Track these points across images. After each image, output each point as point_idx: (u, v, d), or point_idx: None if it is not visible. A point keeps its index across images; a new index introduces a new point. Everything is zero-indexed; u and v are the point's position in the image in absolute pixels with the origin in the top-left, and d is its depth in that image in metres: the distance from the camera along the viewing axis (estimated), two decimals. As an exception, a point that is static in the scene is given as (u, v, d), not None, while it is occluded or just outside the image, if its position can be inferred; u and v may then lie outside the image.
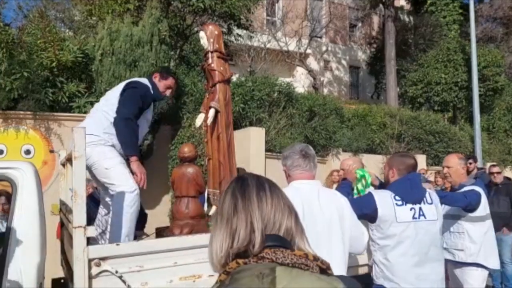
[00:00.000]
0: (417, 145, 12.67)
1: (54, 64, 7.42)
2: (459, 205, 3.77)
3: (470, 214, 3.79)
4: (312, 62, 22.58)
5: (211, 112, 3.81)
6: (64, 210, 3.57)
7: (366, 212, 3.06)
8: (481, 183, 4.08)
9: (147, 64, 7.77)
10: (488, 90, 16.27)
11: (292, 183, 2.67)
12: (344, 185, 3.56)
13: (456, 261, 3.88)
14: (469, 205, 3.75)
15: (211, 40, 3.92)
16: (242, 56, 16.27)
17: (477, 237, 3.78)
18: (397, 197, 3.07)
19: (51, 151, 7.58)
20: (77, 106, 7.83)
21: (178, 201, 3.53)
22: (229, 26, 10.40)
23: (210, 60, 3.90)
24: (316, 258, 1.02)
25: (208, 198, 3.83)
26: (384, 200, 3.08)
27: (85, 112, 7.91)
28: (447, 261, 3.83)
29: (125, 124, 3.49)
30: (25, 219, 2.53)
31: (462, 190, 3.86)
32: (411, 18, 22.75)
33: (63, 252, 4.07)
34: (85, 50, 7.94)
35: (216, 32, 3.98)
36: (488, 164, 10.00)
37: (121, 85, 3.77)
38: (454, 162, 4.02)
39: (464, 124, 15.92)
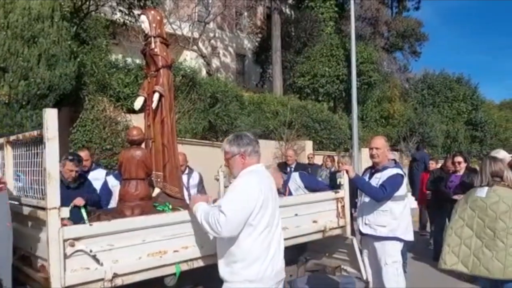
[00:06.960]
0: (305, 132, 13.73)
1: None
2: (376, 198, 4.19)
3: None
4: (201, 48, 22.60)
5: (156, 96, 3.87)
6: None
7: None
8: (400, 165, 4.54)
9: (48, 41, 7.27)
10: (363, 84, 18.13)
11: (253, 167, 2.94)
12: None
13: (377, 236, 4.30)
14: (386, 197, 4.18)
15: (154, 25, 3.96)
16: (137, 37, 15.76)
17: (398, 214, 4.25)
18: None
19: None
20: (-37, 83, 7.05)
21: (126, 183, 3.52)
22: (130, 6, 10.13)
23: (153, 45, 3.93)
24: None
25: (151, 180, 3.90)
26: None
27: (-26, 91, 7.17)
28: (367, 236, 4.40)
29: None
30: None
31: (387, 173, 4.26)
32: (293, 12, 24.02)
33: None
34: (-29, 21, 7.15)
35: (158, 18, 4.03)
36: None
37: None
38: (382, 144, 4.35)
39: (342, 113, 17.57)
